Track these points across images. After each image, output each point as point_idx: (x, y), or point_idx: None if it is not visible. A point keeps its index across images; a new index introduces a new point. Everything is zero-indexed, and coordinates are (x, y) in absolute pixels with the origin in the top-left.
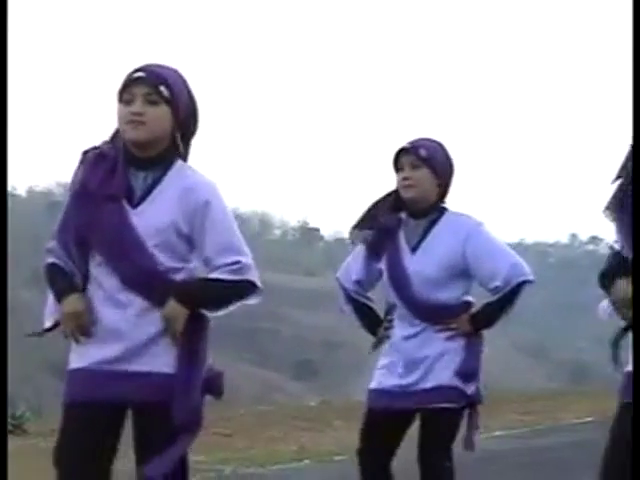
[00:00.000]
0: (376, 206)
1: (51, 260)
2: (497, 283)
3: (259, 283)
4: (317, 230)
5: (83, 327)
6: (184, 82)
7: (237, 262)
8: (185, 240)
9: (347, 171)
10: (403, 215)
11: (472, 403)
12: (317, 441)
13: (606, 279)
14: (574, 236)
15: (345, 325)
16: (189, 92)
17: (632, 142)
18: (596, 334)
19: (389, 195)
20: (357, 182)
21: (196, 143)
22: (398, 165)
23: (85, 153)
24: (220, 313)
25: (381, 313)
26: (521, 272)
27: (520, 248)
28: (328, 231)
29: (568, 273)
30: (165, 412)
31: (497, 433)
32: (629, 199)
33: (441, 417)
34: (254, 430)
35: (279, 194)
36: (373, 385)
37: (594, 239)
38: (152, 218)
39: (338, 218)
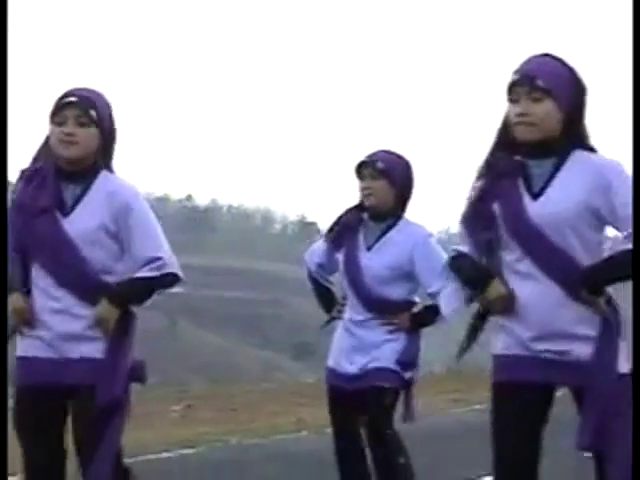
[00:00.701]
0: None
1: None
2: (434, 289)
3: (180, 273)
4: (314, 224)
5: (27, 321)
6: (108, 105)
7: (159, 259)
8: (115, 239)
9: (342, 171)
10: (365, 216)
11: (407, 385)
12: (314, 414)
13: (477, 281)
14: None
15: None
16: (111, 113)
17: (632, 142)
18: None
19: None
20: (352, 181)
21: (202, 145)
22: (360, 175)
23: (22, 172)
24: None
25: (338, 296)
26: None
27: None
28: (325, 225)
29: None
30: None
31: (477, 407)
32: (479, 219)
33: (382, 393)
34: (257, 405)
35: (280, 192)
36: (331, 364)
37: None
38: (82, 223)
39: (334, 214)
